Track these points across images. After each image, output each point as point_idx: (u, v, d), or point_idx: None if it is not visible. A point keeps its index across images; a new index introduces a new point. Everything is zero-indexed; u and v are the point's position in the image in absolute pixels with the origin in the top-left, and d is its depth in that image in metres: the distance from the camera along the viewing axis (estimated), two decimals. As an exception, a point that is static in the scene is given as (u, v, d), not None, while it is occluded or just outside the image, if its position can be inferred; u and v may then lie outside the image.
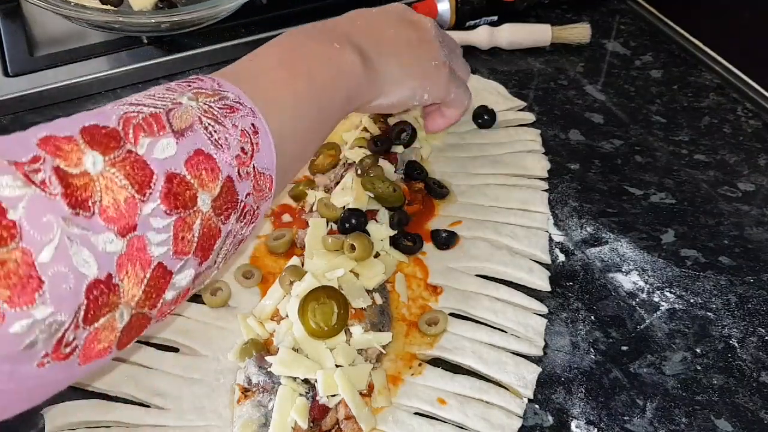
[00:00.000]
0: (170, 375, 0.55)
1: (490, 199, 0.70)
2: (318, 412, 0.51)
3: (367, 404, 0.53)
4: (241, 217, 0.44)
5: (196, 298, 0.61)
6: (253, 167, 0.44)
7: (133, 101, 0.41)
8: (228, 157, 0.42)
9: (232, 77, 0.47)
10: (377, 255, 0.61)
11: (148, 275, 0.38)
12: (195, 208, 0.40)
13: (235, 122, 0.43)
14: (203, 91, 0.44)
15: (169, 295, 0.40)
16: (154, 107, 0.41)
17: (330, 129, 0.54)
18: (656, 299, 0.63)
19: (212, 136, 0.42)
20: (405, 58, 0.60)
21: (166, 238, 0.39)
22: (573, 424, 0.54)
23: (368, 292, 0.58)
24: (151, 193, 0.38)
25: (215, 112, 0.42)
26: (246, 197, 0.43)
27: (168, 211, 0.38)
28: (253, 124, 0.44)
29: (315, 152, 0.53)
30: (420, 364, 0.57)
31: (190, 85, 0.44)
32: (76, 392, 0.54)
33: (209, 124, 0.42)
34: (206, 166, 0.41)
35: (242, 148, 0.43)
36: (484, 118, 0.78)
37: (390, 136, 0.72)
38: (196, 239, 0.40)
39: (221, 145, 0.42)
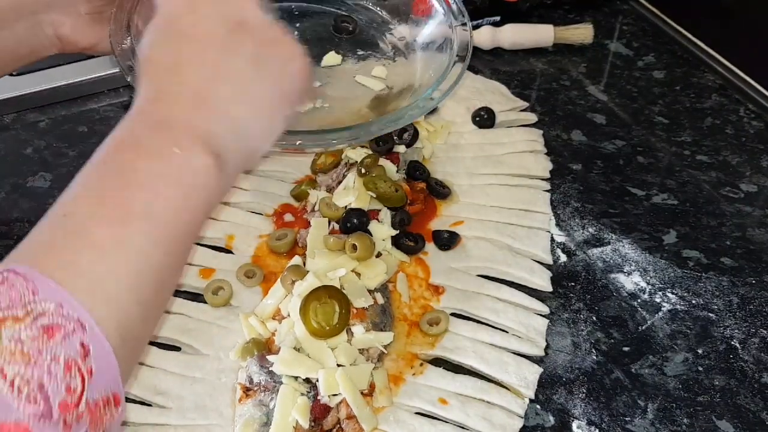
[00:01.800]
0: (172, 374, 0.55)
1: (491, 199, 0.70)
2: (319, 412, 0.51)
3: (369, 404, 0.53)
4: None
5: (197, 297, 0.61)
6: (86, 403, 0.33)
7: None
8: (46, 412, 0.32)
9: (45, 259, 0.35)
10: (379, 255, 0.61)
11: None
12: None
13: (56, 353, 0.32)
14: (10, 314, 0.32)
15: None
16: None
17: (188, 253, 0.42)
18: (658, 300, 0.63)
19: (21, 392, 0.31)
20: (264, 92, 0.44)
21: None
22: (574, 425, 0.54)
23: (370, 291, 0.58)
24: None
25: (26, 350, 0.32)
26: None
27: None
28: (81, 344, 0.33)
29: (171, 294, 0.42)
30: (421, 364, 0.57)
31: None
32: (78, 391, 0.54)
33: (16, 374, 0.31)
34: None
35: (68, 387, 0.32)
36: (484, 118, 0.78)
37: (392, 136, 0.71)
38: None
39: (34, 400, 0.31)
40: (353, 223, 0.61)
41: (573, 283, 0.64)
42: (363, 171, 0.66)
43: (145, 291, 0.37)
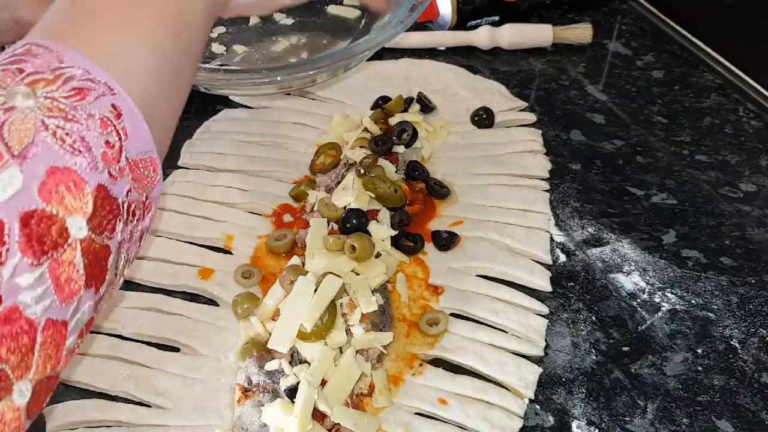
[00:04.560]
0: (171, 375, 0.55)
1: (491, 199, 0.70)
2: (318, 416, 0.51)
3: (368, 405, 0.53)
4: (130, 219, 0.37)
5: (197, 298, 0.61)
6: (126, 159, 0.36)
7: None
8: (91, 162, 0.34)
9: (65, 36, 0.37)
10: (378, 255, 0.61)
11: (39, 340, 0.32)
12: (69, 241, 0.33)
13: (91, 111, 0.34)
14: (40, 77, 0.34)
15: (70, 341, 0.34)
16: None
17: (199, 45, 0.44)
18: (657, 300, 0.63)
19: (65, 142, 0.33)
20: None
21: (45, 289, 0.32)
22: (574, 425, 0.54)
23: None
24: (8, 250, 0.30)
25: (62, 106, 0.34)
26: (127, 196, 0.36)
27: (35, 262, 0.31)
28: (113, 105, 0.35)
29: (193, 77, 0.44)
30: (421, 365, 0.57)
31: (22, 70, 0.34)
32: (77, 392, 0.54)
33: (57, 126, 0.33)
34: (67, 185, 0.33)
35: (107, 142, 0.35)
36: (483, 118, 0.78)
37: (391, 136, 0.72)
38: (82, 273, 0.34)
39: (79, 150, 0.33)
40: (352, 223, 0.61)
41: (572, 283, 0.64)
42: (362, 171, 0.66)
43: (161, 71, 0.40)
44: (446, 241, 0.65)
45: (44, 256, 0.32)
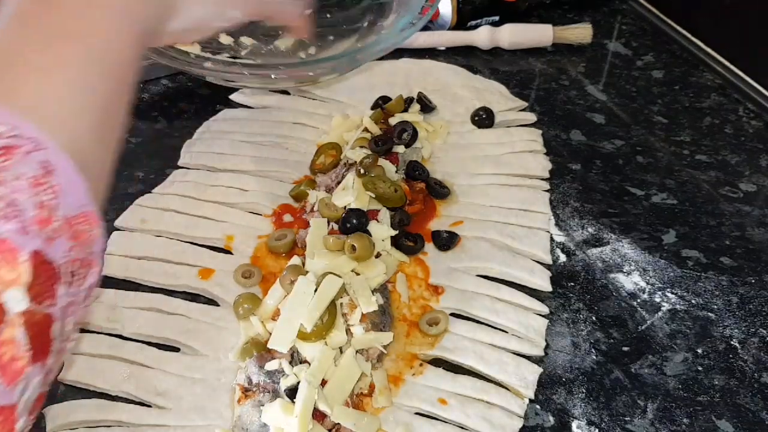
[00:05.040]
0: (171, 375, 0.55)
1: (491, 199, 0.70)
2: (318, 416, 0.51)
3: (368, 405, 0.53)
4: (73, 278, 0.34)
5: (197, 298, 0.61)
6: (63, 217, 0.33)
7: None
8: (23, 227, 0.31)
9: (3, 95, 0.34)
10: (378, 255, 0.61)
11: None
12: (7, 318, 0.30)
13: (19, 171, 0.31)
14: None
15: (20, 424, 0.31)
16: None
17: (131, 79, 0.41)
18: (657, 300, 0.63)
19: None
20: None
21: None
22: (574, 425, 0.54)
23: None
24: None
25: None
26: (67, 255, 0.33)
27: None
28: (42, 162, 0.32)
29: (125, 115, 0.41)
30: (421, 364, 0.57)
31: None
32: (77, 392, 0.54)
33: None
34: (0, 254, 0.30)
35: (39, 203, 0.32)
36: (483, 118, 0.78)
37: (391, 136, 0.72)
38: (26, 348, 0.31)
39: (9, 216, 0.31)
40: (352, 223, 0.61)
41: (572, 283, 0.64)
42: (362, 171, 0.66)
43: (92, 114, 0.37)
44: (446, 241, 0.65)
45: None
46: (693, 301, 0.63)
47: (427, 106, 0.79)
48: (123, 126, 0.41)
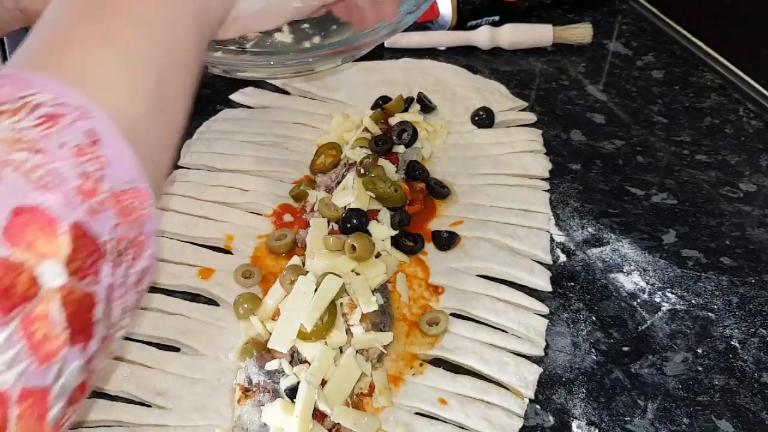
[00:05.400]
0: (171, 375, 0.55)
1: (491, 199, 0.70)
2: (318, 416, 0.51)
3: (368, 405, 0.53)
4: (120, 258, 0.32)
5: (197, 298, 0.61)
6: (109, 190, 0.31)
7: None
8: (65, 197, 0.29)
9: (35, 61, 0.34)
10: (378, 255, 0.61)
11: (13, 415, 0.27)
12: (42, 293, 0.28)
13: (63, 139, 0.30)
14: (4, 107, 0.30)
15: (54, 411, 0.30)
16: None
17: (193, 65, 0.40)
18: (657, 300, 0.63)
19: (32, 175, 0.29)
20: None
21: (18, 351, 0.27)
22: (574, 425, 0.54)
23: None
24: None
25: (30, 136, 0.30)
26: (113, 232, 0.31)
27: (2, 319, 0.27)
28: (89, 131, 0.31)
29: (192, 99, 0.40)
30: (421, 364, 0.57)
31: None
32: (77, 392, 0.54)
33: (24, 159, 0.29)
34: (37, 225, 0.28)
35: (83, 173, 0.30)
36: (483, 117, 0.78)
37: (391, 136, 0.72)
38: (63, 328, 0.29)
39: (50, 185, 0.29)
40: (352, 223, 0.61)
41: (572, 283, 0.64)
42: (362, 171, 0.66)
43: (144, 86, 0.35)
44: (446, 241, 0.65)
45: (12, 311, 0.27)
46: (693, 301, 0.63)
47: (427, 106, 0.79)
48: (184, 110, 0.39)
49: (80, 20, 0.35)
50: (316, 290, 0.54)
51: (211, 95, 0.83)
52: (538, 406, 0.55)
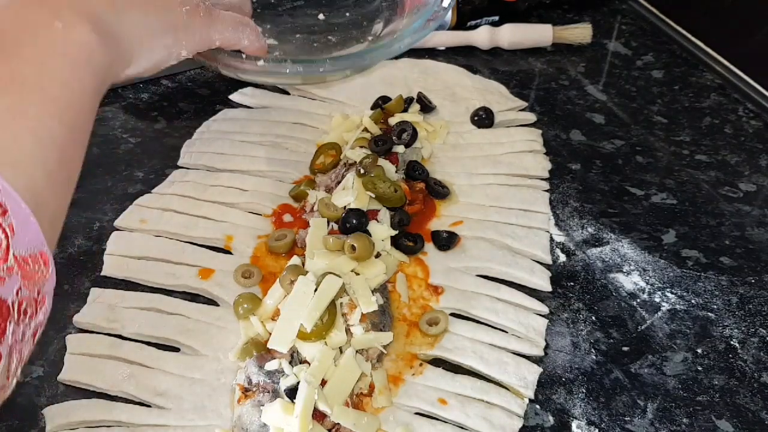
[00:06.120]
0: (171, 375, 0.55)
1: (491, 199, 0.70)
2: (318, 416, 0.51)
3: (368, 405, 0.53)
4: (21, 318, 0.34)
5: (196, 298, 0.61)
6: (14, 258, 0.33)
7: None
8: None
9: None
10: (378, 255, 0.61)
11: None
12: None
13: None
14: None
15: None
16: None
17: (89, 126, 0.42)
18: (657, 300, 0.63)
19: None
20: (149, 8, 0.47)
21: None
22: (574, 425, 0.54)
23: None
24: None
25: None
26: (17, 295, 0.33)
27: None
28: None
29: (81, 160, 0.42)
30: (421, 364, 0.57)
31: None
32: (77, 392, 0.54)
33: None
34: None
35: None
36: (482, 117, 0.78)
37: (391, 136, 0.72)
38: None
39: None
40: (352, 223, 0.61)
41: (572, 283, 0.64)
42: (362, 171, 0.66)
43: (49, 160, 0.37)
44: (446, 241, 0.65)
45: None
46: (693, 301, 0.63)
47: (426, 106, 0.79)
48: (78, 171, 0.41)
49: None
50: (315, 290, 0.54)
51: (211, 95, 0.84)
52: (538, 406, 0.55)
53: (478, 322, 0.60)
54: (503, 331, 0.59)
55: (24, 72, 0.37)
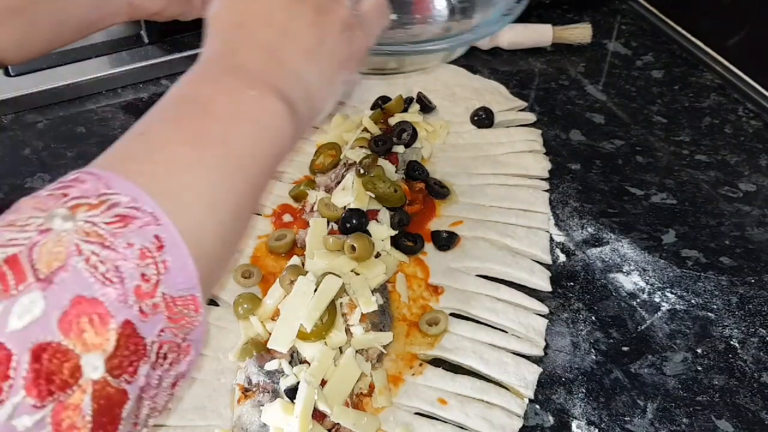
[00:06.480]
0: (171, 375, 0.55)
1: (491, 199, 0.70)
2: (318, 416, 0.51)
3: (368, 405, 0.53)
4: (160, 362, 0.33)
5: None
6: (162, 295, 0.32)
7: None
8: (122, 295, 0.31)
9: (121, 166, 0.35)
10: (378, 255, 0.61)
11: None
12: (80, 382, 0.29)
13: (130, 240, 0.32)
14: (84, 201, 0.32)
15: None
16: (14, 244, 0.30)
17: (264, 188, 0.43)
18: (657, 300, 0.63)
19: (97, 269, 0.30)
20: (326, 65, 0.46)
21: None
22: (574, 425, 0.54)
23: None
24: (11, 386, 0.27)
25: (101, 232, 0.31)
26: (159, 336, 0.32)
27: (39, 404, 0.28)
28: (156, 236, 0.33)
29: (248, 225, 0.42)
30: (421, 364, 0.57)
31: (66, 194, 0.32)
32: (77, 392, 0.54)
33: (92, 252, 0.31)
34: (90, 317, 0.30)
35: (143, 275, 0.32)
36: (482, 117, 0.78)
37: (391, 136, 0.72)
38: (88, 420, 0.29)
39: (111, 281, 0.31)
40: (352, 223, 0.61)
41: (572, 283, 0.64)
42: (362, 171, 0.66)
43: (222, 212, 0.37)
44: (446, 241, 0.65)
45: (50, 397, 0.28)
46: (693, 301, 0.63)
47: (426, 106, 0.79)
48: (246, 229, 0.42)
49: (177, 140, 0.37)
50: (315, 290, 0.54)
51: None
52: (537, 406, 0.55)
53: (478, 322, 0.60)
54: (503, 331, 0.59)
55: (213, 127, 0.38)
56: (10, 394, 0.27)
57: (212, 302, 0.61)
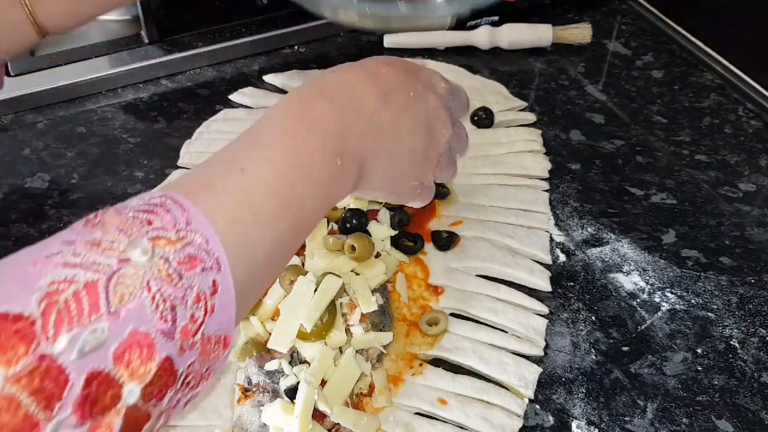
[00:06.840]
0: (171, 375, 0.55)
1: (491, 199, 0.70)
2: (318, 416, 0.51)
3: (368, 405, 0.53)
4: (183, 388, 0.35)
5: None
6: (201, 335, 0.35)
7: (75, 251, 0.32)
8: (171, 333, 0.33)
9: (205, 200, 0.37)
10: (378, 255, 0.61)
11: None
12: (118, 406, 0.31)
13: (192, 282, 0.34)
14: (164, 235, 0.34)
15: None
16: (95, 269, 0.31)
17: (311, 228, 0.46)
18: (657, 300, 0.63)
19: (158, 308, 0.33)
20: (402, 170, 0.51)
21: None
22: (574, 425, 0.54)
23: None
24: (61, 406, 0.29)
25: (170, 271, 0.33)
26: (189, 367, 0.35)
27: (79, 423, 0.30)
28: (213, 282, 0.35)
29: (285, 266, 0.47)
30: (421, 364, 0.57)
31: (150, 222, 0.34)
32: (77, 392, 0.54)
33: (158, 290, 0.33)
34: (140, 350, 0.32)
35: (192, 315, 0.34)
36: (482, 117, 0.78)
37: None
38: None
39: (165, 319, 0.33)
40: (352, 223, 0.61)
41: (572, 283, 0.64)
42: (362, 171, 0.66)
43: (272, 267, 0.41)
44: (446, 241, 0.65)
45: (89, 419, 0.30)
46: (693, 301, 0.63)
47: (426, 106, 0.79)
48: (278, 275, 0.46)
49: (267, 193, 0.40)
50: (315, 290, 0.54)
51: (211, 95, 0.83)
52: (537, 406, 0.55)
53: (478, 322, 0.60)
54: (503, 331, 0.59)
55: (300, 195, 0.41)
56: (58, 413, 0.29)
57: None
